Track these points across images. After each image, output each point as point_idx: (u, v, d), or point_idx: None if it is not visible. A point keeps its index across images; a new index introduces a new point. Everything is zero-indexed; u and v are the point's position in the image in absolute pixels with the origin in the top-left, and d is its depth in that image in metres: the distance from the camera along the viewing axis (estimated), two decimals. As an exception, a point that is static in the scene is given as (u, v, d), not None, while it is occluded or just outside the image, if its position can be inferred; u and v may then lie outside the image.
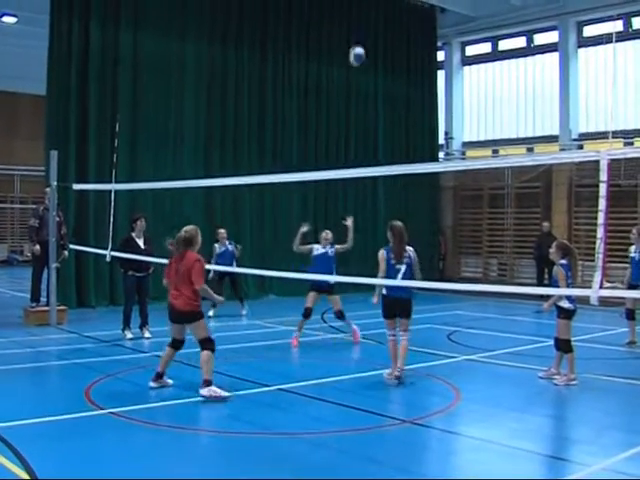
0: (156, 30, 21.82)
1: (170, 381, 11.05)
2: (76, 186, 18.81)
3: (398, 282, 11.68)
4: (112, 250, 16.05)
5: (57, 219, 17.36)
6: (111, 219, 16.33)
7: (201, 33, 22.83)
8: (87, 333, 15.92)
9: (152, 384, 10.87)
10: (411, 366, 12.68)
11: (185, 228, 11.00)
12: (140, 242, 15.53)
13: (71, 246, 18.17)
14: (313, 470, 7.70)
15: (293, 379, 11.71)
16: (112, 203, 16.60)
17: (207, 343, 10.54)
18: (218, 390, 10.30)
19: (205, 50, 22.98)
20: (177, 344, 10.92)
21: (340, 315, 15.42)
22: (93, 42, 20.72)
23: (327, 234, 15.40)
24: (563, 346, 12.06)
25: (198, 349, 10.54)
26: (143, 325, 15.66)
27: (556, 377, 12.03)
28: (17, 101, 37.73)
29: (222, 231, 19.27)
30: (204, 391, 10.24)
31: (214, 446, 8.53)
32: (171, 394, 10.54)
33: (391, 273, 11.85)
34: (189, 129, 22.69)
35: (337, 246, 15.31)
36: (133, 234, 15.60)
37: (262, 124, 24.41)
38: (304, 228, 15.25)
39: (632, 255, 15.87)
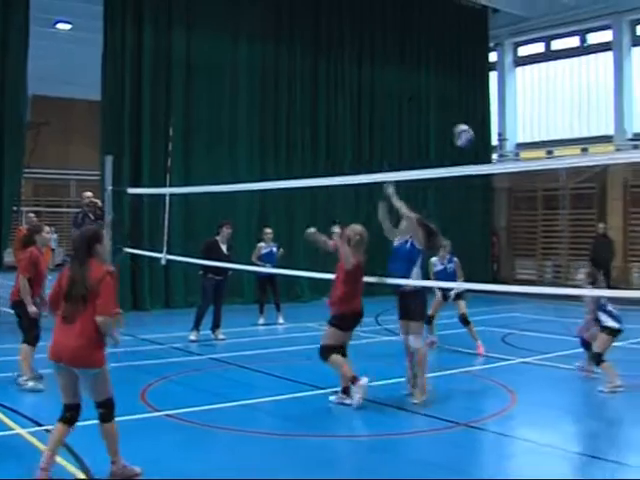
0: (208, 32, 21.99)
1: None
2: (131, 190, 18.94)
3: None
4: (170, 252, 16.21)
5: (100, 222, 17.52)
6: (166, 223, 16.44)
7: (253, 34, 22.94)
8: (143, 336, 16.03)
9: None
10: (466, 369, 12.68)
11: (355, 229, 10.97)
12: (224, 247, 15.87)
13: (126, 250, 18.32)
14: (368, 472, 7.70)
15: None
16: (167, 207, 16.72)
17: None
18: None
19: (258, 51, 23.10)
20: None
21: (465, 320, 15.03)
22: (146, 46, 20.96)
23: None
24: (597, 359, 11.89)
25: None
26: (216, 327, 15.89)
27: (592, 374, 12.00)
28: (72, 106, 38.25)
29: (269, 231, 18.74)
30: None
31: (270, 447, 8.53)
32: (227, 396, 10.57)
33: None
34: (243, 131, 22.81)
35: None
36: (217, 238, 15.90)
37: (315, 125, 24.47)
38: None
39: None
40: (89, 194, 18.38)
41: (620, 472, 7.87)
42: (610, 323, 11.69)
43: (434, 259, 14.84)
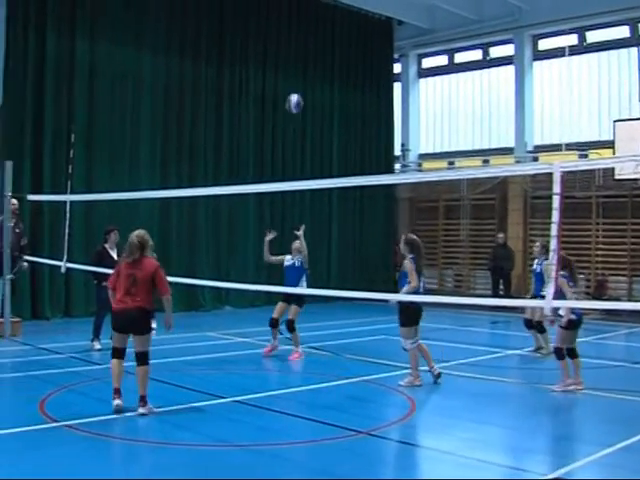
0: (113, 40, 21.66)
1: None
2: (30, 197, 18.69)
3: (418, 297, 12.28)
4: (70, 260, 16.00)
5: (17, 230, 17.31)
6: (66, 230, 16.22)
7: (158, 45, 22.71)
8: (42, 345, 15.79)
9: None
10: (367, 377, 12.74)
11: (136, 233, 10.60)
12: (113, 253, 15.61)
13: (26, 257, 18.02)
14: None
15: (248, 391, 11.70)
16: (67, 214, 16.51)
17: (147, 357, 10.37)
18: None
19: (162, 62, 22.87)
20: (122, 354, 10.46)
21: (290, 326, 15.11)
22: (49, 52, 20.56)
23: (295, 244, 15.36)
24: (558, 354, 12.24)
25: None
26: None
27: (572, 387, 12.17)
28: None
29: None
30: (145, 409, 10.04)
31: (167, 458, 8.45)
32: (126, 406, 10.42)
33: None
34: (145, 141, 22.56)
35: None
36: (106, 245, 15.69)
37: (219, 137, 24.34)
38: (269, 236, 15.29)
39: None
40: (15, 201, 17.86)
41: (518, 478, 8.00)
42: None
43: (288, 256, 15.34)
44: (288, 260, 15.29)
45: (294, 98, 14.98)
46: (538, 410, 11.26)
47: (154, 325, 18.44)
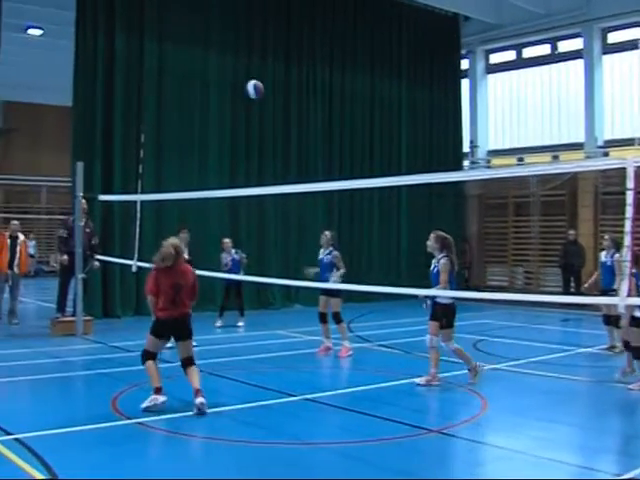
0: (180, 41, 21.90)
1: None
2: (102, 197, 18.91)
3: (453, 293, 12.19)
4: (141, 259, 16.12)
5: (87, 230, 17.53)
6: (137, 230, 16.37)
7: (225, 44, 22.88)
8: (113, 343, 15.96)
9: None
10: (438, 375, 12.68)
11: (170, 241, 10.67)
12: (184, 253, 15.66)
13: (97, 257, 18.21)
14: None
15: (318, 389, 11.71)
16: (138, 214, 16.66)
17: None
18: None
19: (230, 60, 23.04)
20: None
21: (337, 318, 15.23)
22: (118, 53, 20.84)
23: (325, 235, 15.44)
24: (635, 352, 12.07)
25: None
26: None
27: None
28: (43, 113, 38.02)
29: (227, 240, 19.01)
30: (204, 398, 10.08)
31: (240, 456, 8.47)
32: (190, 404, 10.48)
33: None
34: (214, 140, 22.73)
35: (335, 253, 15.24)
36: None
37: (287, 135, 24.42)
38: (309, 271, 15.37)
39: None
40: (84, 201, 18.10)
41: (590, 478, 7.90)
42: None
43: (322, 249, 15.35)
44: (321, 253, 15.38)
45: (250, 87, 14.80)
46: (610, 409, 11.12)
47: (241, 323, 19.14)
